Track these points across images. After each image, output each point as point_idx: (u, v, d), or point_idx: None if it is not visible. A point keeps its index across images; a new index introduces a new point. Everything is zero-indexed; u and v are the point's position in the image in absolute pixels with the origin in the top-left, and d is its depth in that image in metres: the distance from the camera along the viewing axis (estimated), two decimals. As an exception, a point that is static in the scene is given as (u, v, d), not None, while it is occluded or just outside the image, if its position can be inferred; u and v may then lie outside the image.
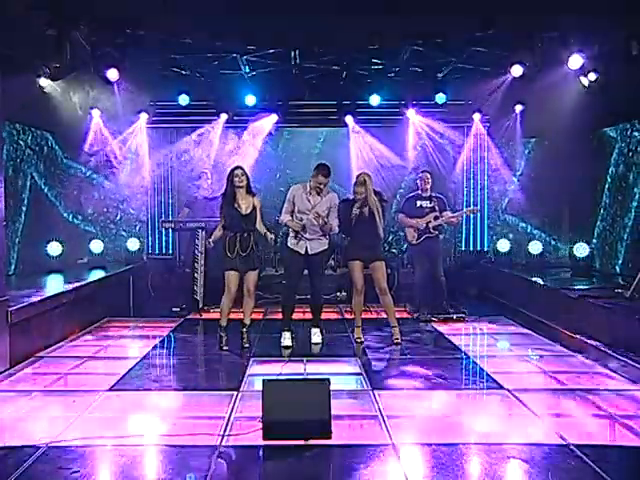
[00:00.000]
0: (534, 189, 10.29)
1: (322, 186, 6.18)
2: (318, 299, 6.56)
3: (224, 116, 10.16)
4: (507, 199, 10.63)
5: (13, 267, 8.46)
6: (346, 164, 10.25)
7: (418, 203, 7.75)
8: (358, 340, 6.57)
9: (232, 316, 6.39)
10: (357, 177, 6.45)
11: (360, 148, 10.45)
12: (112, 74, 8.05)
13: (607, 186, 9.10)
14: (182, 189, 10.51)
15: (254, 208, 6.16)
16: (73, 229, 10.27)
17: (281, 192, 8.71)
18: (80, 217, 10.42)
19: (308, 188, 6.28)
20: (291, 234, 6.35)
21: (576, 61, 7.32)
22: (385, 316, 6.71)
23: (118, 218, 10.53)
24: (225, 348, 6.22)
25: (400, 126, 10.36)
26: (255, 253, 6.23)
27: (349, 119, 10.20)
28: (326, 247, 6.40)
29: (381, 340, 6.60)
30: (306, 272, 6.41)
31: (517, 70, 8.13)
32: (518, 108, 9.85)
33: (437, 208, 7.71)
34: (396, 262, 9.54)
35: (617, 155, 8.86)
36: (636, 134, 8.41)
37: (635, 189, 8.36)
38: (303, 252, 6.27)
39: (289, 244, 6.38)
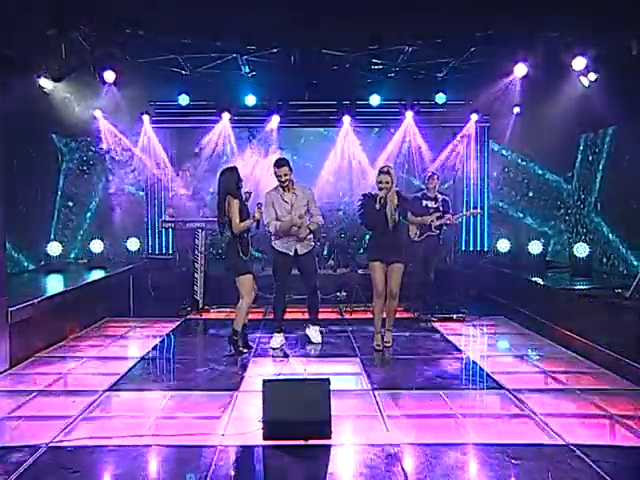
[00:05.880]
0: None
1: (283, 176, 6.14)
2: (315, 298, 6.56)
3: (226, 115, 10.12)
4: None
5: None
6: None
7: (424, 203, 7.86)
8: (377, 347, 6.24)
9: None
10: (381, 168, 6.22)
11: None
12: (109, 76, 8.02)
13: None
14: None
15: None
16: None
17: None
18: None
19: (280, 190, 6.29)
20: (276, 237, 6.32)
21: (579, 63, 7.30)
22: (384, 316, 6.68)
23: (120, 218, 10.51)
24: (245, 351, 6.14)
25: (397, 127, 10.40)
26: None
27: (346, 119, 10.16)
28: (314, 245, 6.51)
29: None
30: (298, 273, 6.44)
31: (520, 70, 8.13)
32: (516, 110, 9.84)
33: (441, 209, 7.80)
34: None
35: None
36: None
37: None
38: (292, 253, 6.31)
39: (276, 246, 6.36)
